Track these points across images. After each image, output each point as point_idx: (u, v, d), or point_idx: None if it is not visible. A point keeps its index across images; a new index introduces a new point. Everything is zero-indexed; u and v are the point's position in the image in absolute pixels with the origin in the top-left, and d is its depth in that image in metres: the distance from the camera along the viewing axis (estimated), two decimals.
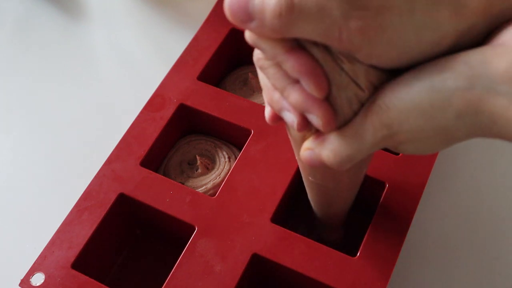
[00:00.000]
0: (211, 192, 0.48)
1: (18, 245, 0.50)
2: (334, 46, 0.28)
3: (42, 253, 0.43)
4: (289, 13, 0.27)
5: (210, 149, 0.51)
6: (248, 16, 0.28)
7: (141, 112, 0.50)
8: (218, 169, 0.50)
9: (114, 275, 0.48)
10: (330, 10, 0.27)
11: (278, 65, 0.30)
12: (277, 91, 0.32)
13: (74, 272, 0.42)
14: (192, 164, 0.51)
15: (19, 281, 0.42)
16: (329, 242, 0.45)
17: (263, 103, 0.53)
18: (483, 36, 0.29)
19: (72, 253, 0.43)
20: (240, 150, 0.49)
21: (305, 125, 0.32)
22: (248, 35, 0.30)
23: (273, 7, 0.27)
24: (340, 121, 0.31)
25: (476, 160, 0.54)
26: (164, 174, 0.50)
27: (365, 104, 0.30)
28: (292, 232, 0.44)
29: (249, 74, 0.55)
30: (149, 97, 0.51)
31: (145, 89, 0.54)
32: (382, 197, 0.45)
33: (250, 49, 0.60)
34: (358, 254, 0.43)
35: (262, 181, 0.46)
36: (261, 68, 0.31)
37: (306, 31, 0.27)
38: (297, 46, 0.29)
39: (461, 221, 0.50)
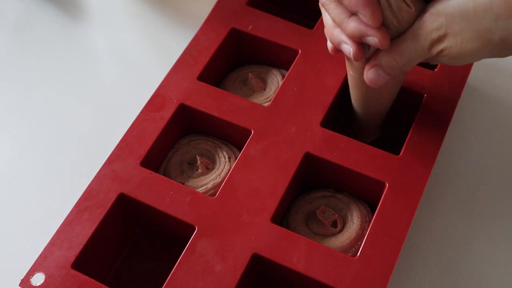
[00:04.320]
0: (211, 192, 0.48)
1: (18, 245, 0.50)
2: None
3: (42, 253, 0.43)
4: None
5: (210, 149, 0.51)
6: None
7: (141, 112, 0.50)
8: (218, 169, 0.50)
9: (114, 275, 0.48)
10: None
11: (338, 2, 0.38)
12: (337, 28, 0.39)
13: (74, 272, 0.42)
14: (192, 164, 0.51)
15: (19, 281, 0.42)
16: (365, 141, 0.48)
17: (263, 103, 0.53)
18: None
19: (72, 253, 0.43)
20: (240, 150, 0.49)
21: (361, 53, 0.39)
22: None
23: None
24: (393, 35, 0.39)
25: (476, 160, 0.54)
26: (164, 174, 0.50)
27: (419, 15, 0.37)
28: (292, 232, 0.44)
29: (249, 74, 0.55)
30: (149, 97, 0.51)
31: (145, 89, 0.54)
32: (382, 197, 0.45)
33: (250, 49, 0.60)
34: (358, 254, 0.43)
35: (262, 181, 0.46)
36: (324, 5, 0.39)
37: None
38: None
39: (461, 221, 0.51)
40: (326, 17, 0.41)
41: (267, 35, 0.54)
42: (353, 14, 0.38)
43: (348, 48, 0.40)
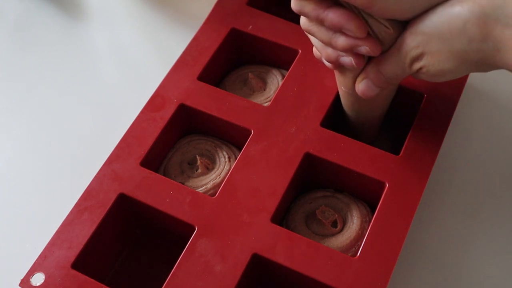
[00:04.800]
0: (211, 192, 0.48)
1: (18, 245, 0.50)
2: (353, 3, 0.36)
3: (42, 253, 0.43)
4: None
5: (210, 149, 0.51)
6: None
7: (141, 112, 0.50)
8: (218, 169, 0.50)
9: (114, 275, 0.48)
10: None
11: (321, 24, 0.39)
12: (328, 47, 0.41)
13: (74, 272, 0.42)
14: (192, 164, 0.51)
15: (19, 281, 0.42)
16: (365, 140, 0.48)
17: (263, 103, 0.53)
18: None
19: (72, 253, 0.43)
20: (240, 150, 0.49)
21: (362, 60, 0.40)
22: (294, 4, 0.39)
23: None
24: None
25: (476, 161, 0.54)
26: (164, 174, 0.50)
27: (400, 34, 0.39)
28: (292, 232, 0.44)
29: (249, 74, 0.55)
30: (149, 97, 0.51)
31: (145, 89, 0.54)
32: (382, 197, 0.45)
33: (250, 49, 0.60)
34: (358, 254, 0.43)
35: (262, 181, 0.46)
36: (308, 31, 0.41)
37: None
38: (332, 4, 0.38)
39: (461, 221, 0.51)
40: (314, 40, 0.42)
41: (267, 35, 0.54)
42: (337, 31, 0.39)
43: (348, 59, 0.41)
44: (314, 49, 0.44)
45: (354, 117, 0.49)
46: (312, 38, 0.42)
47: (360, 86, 0.42)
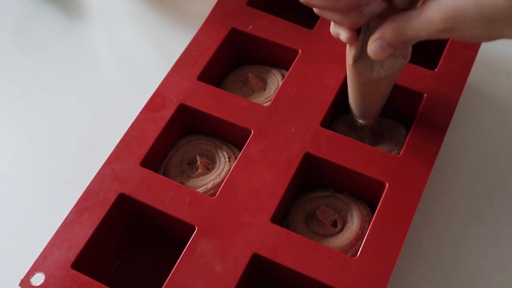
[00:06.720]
0: (211, 192, 0.48)
1: (18, 245, 0.50)
2: None
3: (42, 253, 0.43)
4: None
5: (210, 149, 0.51)
6: None
7: (141, 112, 0.50)
8: (218, 169, 0.50)
9: (114, 275, 0.48)
10: None
11: (333, 10, 0.39)
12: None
13: (74, 272, 0.42)
14: (192, 164, 0.51)
15: (19, 281, 0.42)
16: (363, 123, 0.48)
17: (263, 103, 0.53)
18: None
19: (72, 253, 0.43)
20: (240, 150, 0.49)
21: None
22: None
23: None
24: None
25: (476, 160, 0.54)
26: (164, 174, 0.50)
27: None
28: (292, 232, 0.44)
29: (249, 74, 0.55)
30: (149, 97, 0.51)
31: (145, 89, 0.54)
32: (382, 197, 0.45)
33: (250, 49, 0.60)
34: (358, 254, 0.43)
35: (262, 181, 0.46)
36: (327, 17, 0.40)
37: None
38: None
39: (461, 221, 0.51)
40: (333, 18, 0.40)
41: (267, 35, 0.54)
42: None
43: (374, 5, 0.39)
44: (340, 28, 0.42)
45: (357, 98, 0.47)
46: (335, 16, 0.40)
47: (374, 46, 0.40)
